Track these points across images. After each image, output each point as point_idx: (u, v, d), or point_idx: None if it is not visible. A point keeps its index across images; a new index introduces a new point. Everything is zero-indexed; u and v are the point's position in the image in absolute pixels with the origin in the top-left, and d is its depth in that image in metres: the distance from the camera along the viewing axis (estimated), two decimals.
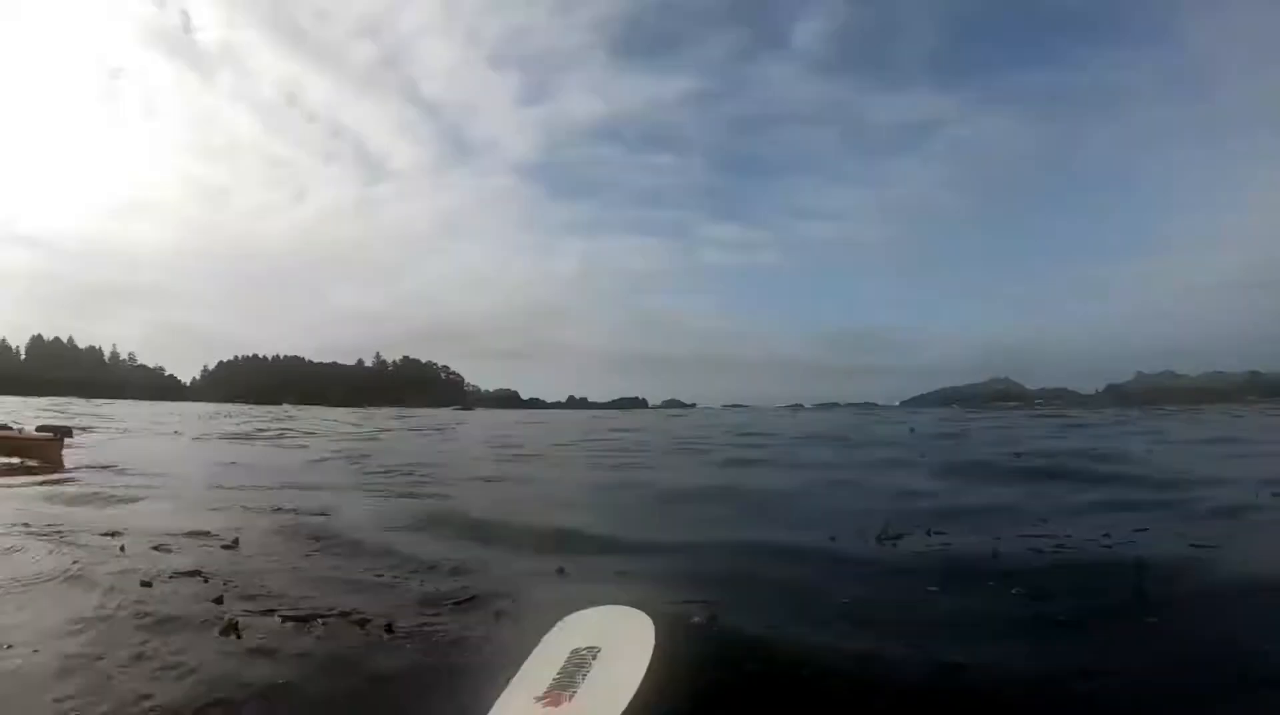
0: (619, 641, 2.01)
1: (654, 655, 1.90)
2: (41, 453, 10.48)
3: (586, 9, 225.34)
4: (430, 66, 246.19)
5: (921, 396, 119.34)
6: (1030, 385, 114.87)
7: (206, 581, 3.63)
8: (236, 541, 4.65)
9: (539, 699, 1.75)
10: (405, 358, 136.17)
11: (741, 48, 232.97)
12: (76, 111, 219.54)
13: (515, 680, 1.88)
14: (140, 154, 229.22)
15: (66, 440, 11.45)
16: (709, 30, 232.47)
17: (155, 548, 4.44)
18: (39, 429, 12.07)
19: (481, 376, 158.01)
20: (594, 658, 1.91)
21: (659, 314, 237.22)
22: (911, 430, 21.65)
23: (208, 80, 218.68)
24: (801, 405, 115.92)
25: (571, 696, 1.74)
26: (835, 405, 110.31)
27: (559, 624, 2.17)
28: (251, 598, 3.39)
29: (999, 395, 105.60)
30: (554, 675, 1.85)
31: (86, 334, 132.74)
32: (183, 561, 4.05)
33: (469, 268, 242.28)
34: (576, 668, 1.87)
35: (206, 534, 4.91)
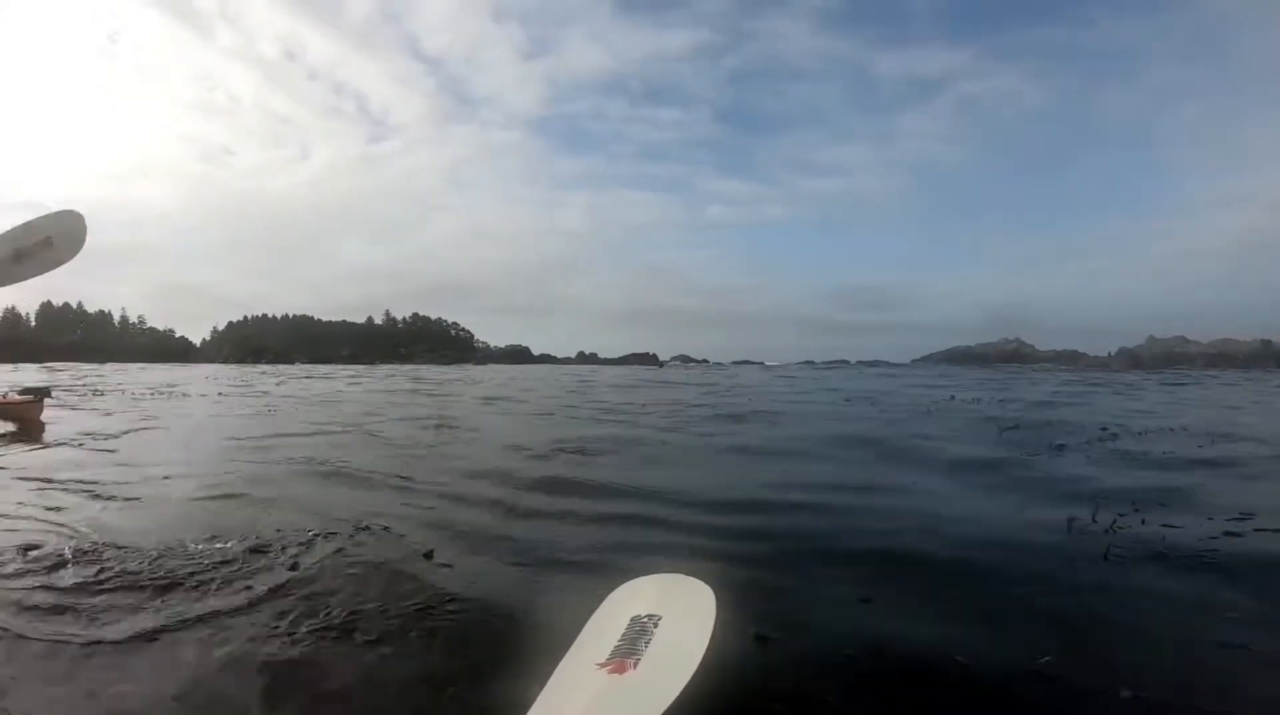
0: (680, 610, 1.99)
1: (716, 626, 1.89)
2: (20, 414, 10.93)
3: None
4: (431, 20, 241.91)
5: (930, 355, 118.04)
6: (1041, 346, 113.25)
7: None
8: None
9: (602, 665, 1.73)
10: (415, 314, 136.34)
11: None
12: (76, 75, 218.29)
13: (575, 647, 1.87)
14: (141, 115, 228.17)
15: (46, 399, 11.92)
16: None
17: None
18: (21, 392, 12.40)
19: (490, 332, 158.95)
20: (655, 626, 1.89)
21: (666, 269, 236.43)
22: (952, 397, 18.72)
23: (206, 39, 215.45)
24: (813, 362, 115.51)
25: (636, 664, 1.73)
26: (845, 362, 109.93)
27: (615, 591, 2.16)
28: None
29: (1010, 355, 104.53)
30: (615, 642, 1.84)
31: (95, 298, 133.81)
32: None
33: (475, 223, 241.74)
34: (638, 635, 1.85)
35: None
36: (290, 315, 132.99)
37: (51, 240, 3.00)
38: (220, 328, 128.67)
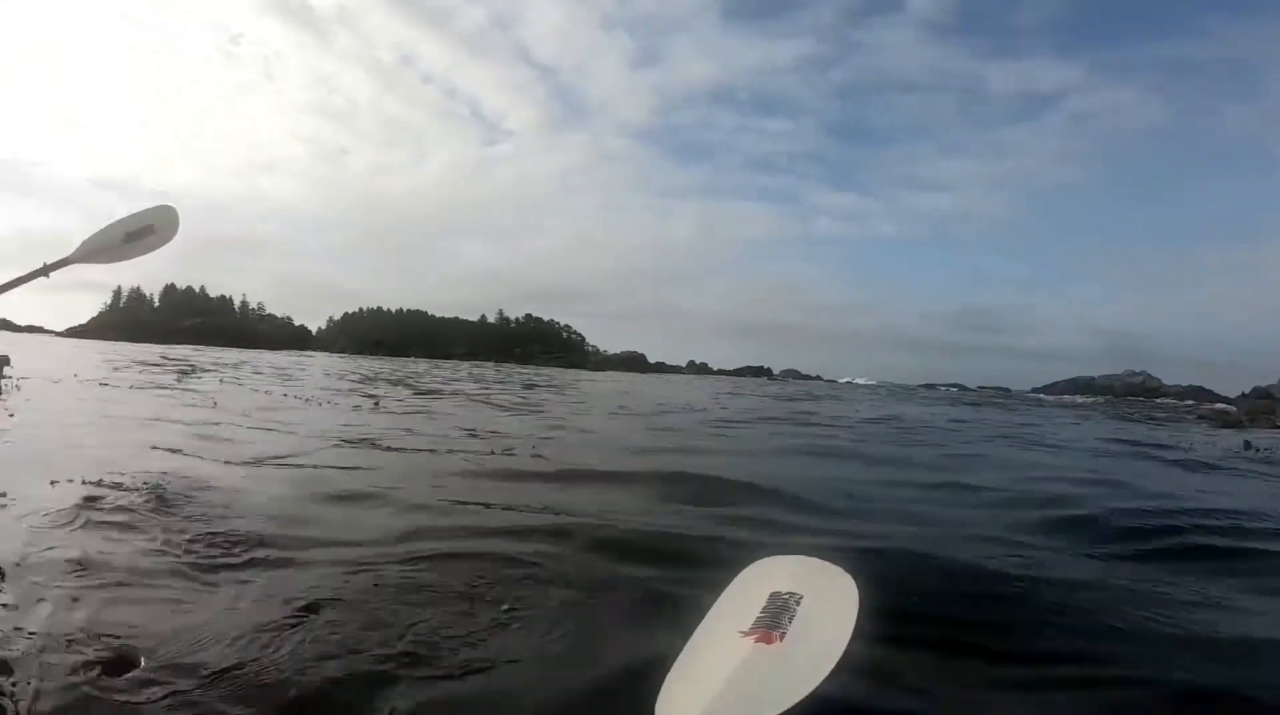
0: (822, 594, 1.96)
1: (859, 619, 1.86)
2: None
3: None
4: (541, 29, 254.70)
5: (1054, 384, 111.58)
6: (1168, 380, 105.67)
7: None
8: None
9: (745, 634, 1.73)
10: (527, 315, 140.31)
11: (854, 10, 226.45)
12: (200, 76, 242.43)
13: (713, 612, 1.88)
14: (262, 115, 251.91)
15: (5, 368, 11.97)
16: None
17: None
18: None
19: (598, 337, 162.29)
20: (797, 604, 1.86)
21: (775, 282, 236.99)
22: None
23: (325, 44, 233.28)
24: (933, 385, 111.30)
25: (781, 636, 1.72)
26: (962, 387, 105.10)
27: (751, 566, 2.15)
28: None
29: (1136, 389, 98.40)
30: (757, 613, 1.83)
31: (216, 284, 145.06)
32: None
33: (584, 228, 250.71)
34: (780, 610, 1.81)
35: None
36: (405, 309, 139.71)
37: (154, 227, 3.72)
38: (336, 318, 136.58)
